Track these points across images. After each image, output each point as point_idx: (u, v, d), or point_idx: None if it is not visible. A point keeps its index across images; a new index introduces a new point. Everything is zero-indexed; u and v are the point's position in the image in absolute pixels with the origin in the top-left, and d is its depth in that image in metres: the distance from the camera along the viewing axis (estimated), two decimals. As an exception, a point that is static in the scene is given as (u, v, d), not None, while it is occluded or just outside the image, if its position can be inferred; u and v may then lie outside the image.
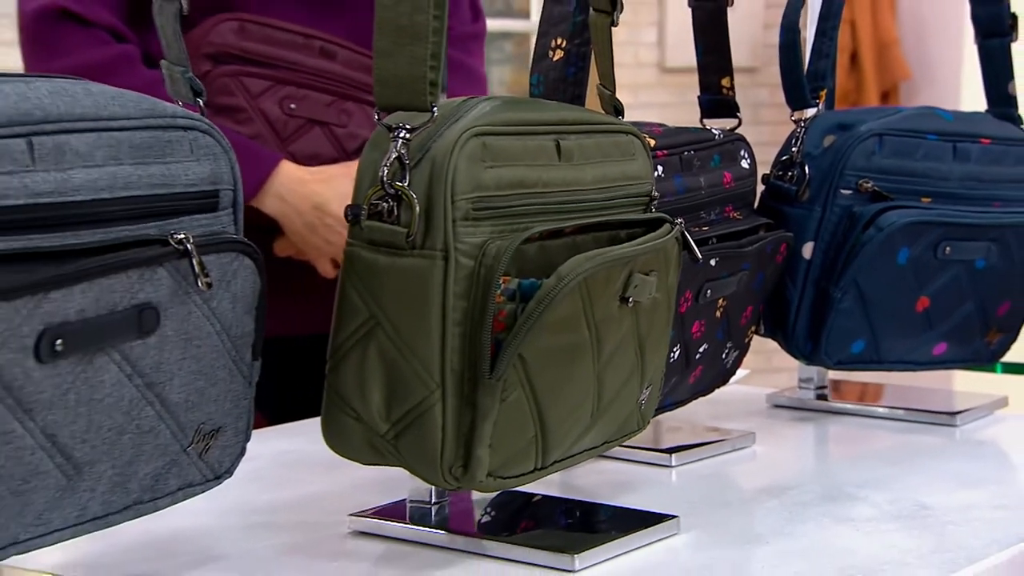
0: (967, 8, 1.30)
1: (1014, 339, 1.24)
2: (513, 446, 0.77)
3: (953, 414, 1.17)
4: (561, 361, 0.77)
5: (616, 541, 0.81)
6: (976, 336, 1.19)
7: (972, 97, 1.17)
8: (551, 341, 0.75)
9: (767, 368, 2.16)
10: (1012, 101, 1.24)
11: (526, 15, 4.59)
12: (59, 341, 0.63)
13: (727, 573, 0.78)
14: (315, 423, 1.08)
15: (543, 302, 0.74)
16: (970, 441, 1.12)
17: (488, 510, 0.89)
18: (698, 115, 1.11)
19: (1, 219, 0.62)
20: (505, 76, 4.89)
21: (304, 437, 1.06)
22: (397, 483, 0.90)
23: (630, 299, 0.80)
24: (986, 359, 1.23)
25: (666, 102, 3.88)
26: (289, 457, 1.01)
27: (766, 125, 3.55)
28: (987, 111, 1.24)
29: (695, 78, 1.07)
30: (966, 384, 1.60)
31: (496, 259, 0.74)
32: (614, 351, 0.80)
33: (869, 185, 1.10)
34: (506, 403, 0.74)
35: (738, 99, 1.02)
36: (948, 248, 1.12)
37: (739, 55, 1.22)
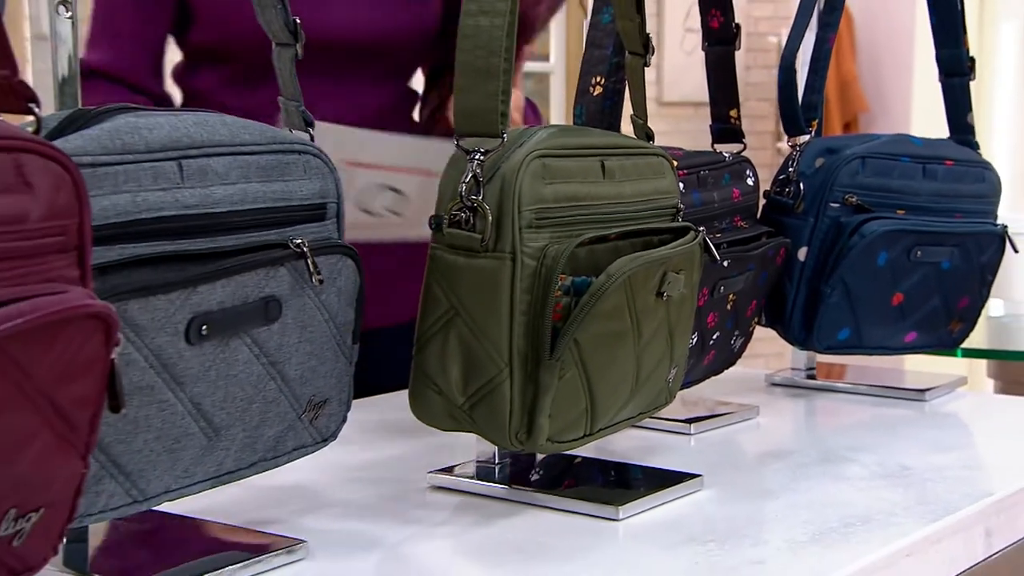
0: (916, 51, 1.31)
1: (972, 328, 1.24)
2: (568, 416, 0.76)
3: (922, 391, 1.17)
4: (608, 345, 0.76)
5: (651, 495, 0.81)
6: (941, 326, 1.19)
7: (920, 126, 1.17)
8: (600, 328, 0.75)
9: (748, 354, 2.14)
10: (970, 130, 1.24)
11: (546, 58, 4.58)
12: (204, 327, 0.64)
13: (746, 522, 0.78)
14: (384, 398, 1.10)
15: (595, 295, 0.74)
16: (937, 414, 1.12)
17: (537, 469, 0.89)
18: (690, 142, 1.10)
19: (157, 227, 0.63)
20: (526, 109, 4.88)
21: (378, 409, 1.07)
22: (464, 447, 0.90)
23: (664, 294, 0.80)
24: (949, 345, 1.23)
25: (663, 131, 3.83)
26: (370, 425, 1.01)
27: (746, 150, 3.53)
28: (949, 138, 1.24)
29: (688, 111, 1.07)
30: (932, 366, 1.60)
31: (555, 260, 0.74)
32: (650, 337, 0.80)
33: (854, 199, 1.10)
34: (563, 380, 0.74)
35: None
36: (919, 252, 1.12)
37: None
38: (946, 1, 1.23)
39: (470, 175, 0.74)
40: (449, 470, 0.86)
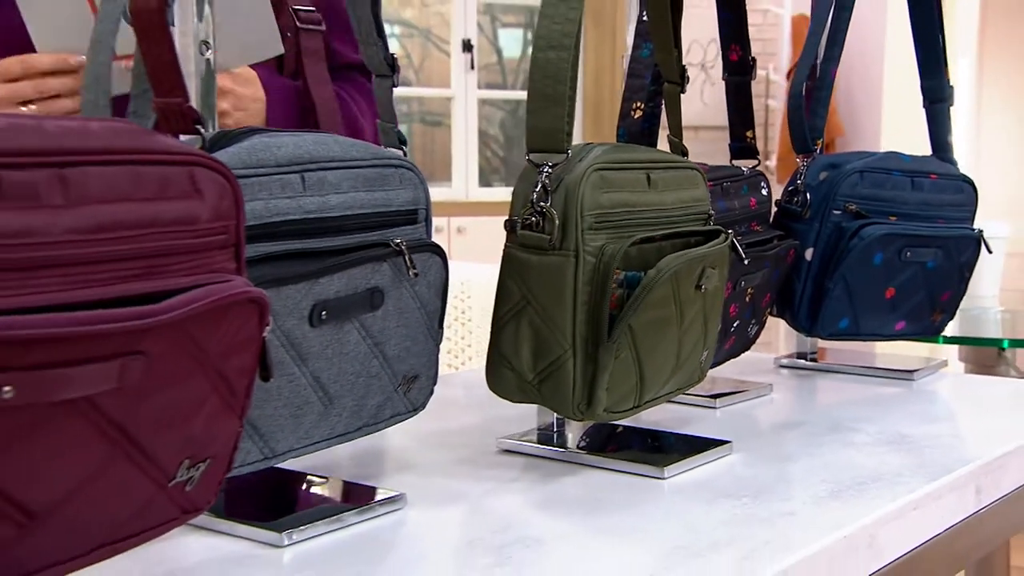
0: (885, 84, 1.30)
1: (951, 318, 1.24)
2: (621, 390, 0.77)
3: (910, 372, 1.18)
4: (656, 330, 0.77)
5: (689, 458, 0.82)
6: (926, 316, 1.20)
7: (888, 148, 1.18)
8: (650, 315, 0.76)
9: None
10: (950, 148, 1.24)
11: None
12: (324, 312, 0.66)
13: (773, 481, 0.79)
14: (450, 376, 1.12)
15: (647, 287, 0.75)
16: (924, 391, 1.13)
17: (585, 437, 0.89)
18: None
19: (284, 229, 0.64)
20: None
21: (448, 386, 1.08)
22: (525, 418, 0.92)
23: (702, 286, 0.80)
24: (932, 333, 1.23)
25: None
26: (443, 400, 1.01)
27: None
28: (933, 155, 1.25)
29: (689, 133, 1.03)
30: (917, 351, 1.61)
31: (611, 257, 0.75)
32: (690, 324, 0.81)
33: (853, 207, 1.11)
34: (618, 359, 0.75)
35: (715, 150, 1.00)
36: (908, 253, 1.13)
37: (719, 118, 1.20)
38: (930, 39, 1.24)
39: (540, 185, 0.75)
40: (515, 436, 0.87)
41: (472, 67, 4.42)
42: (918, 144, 1.27)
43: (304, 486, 0.75)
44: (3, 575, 0.43)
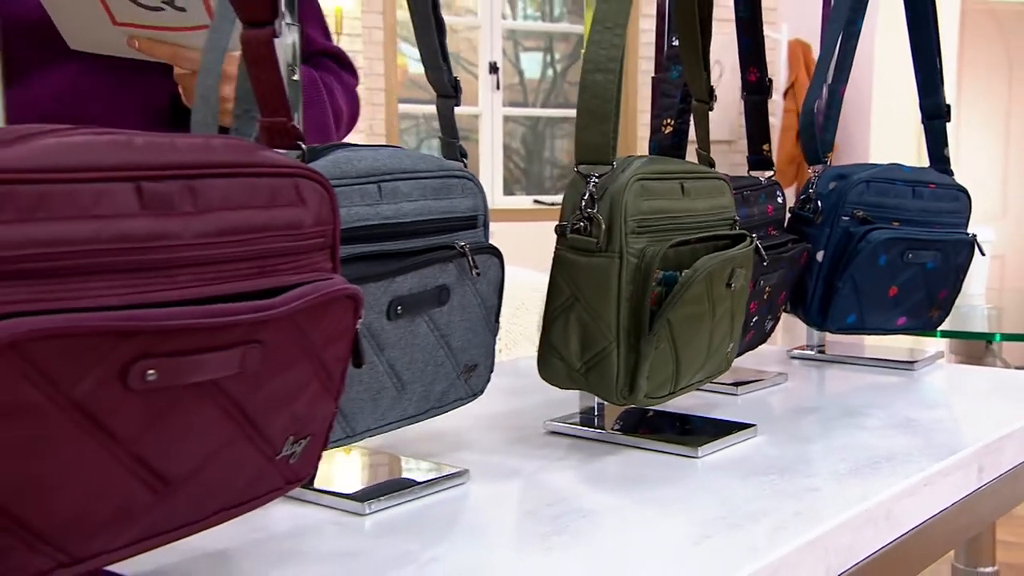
0: (873, 104, 1.30)
1: (947, 315, 1.25)
2: (659, 377, 0.78)
3: (911, 362, 1.19)
4: (691, 324, 0.78)
5: (719, 439, 0.83)
6: (924, 312, 1.21)
7: (876, 161, 1.18)
8: (687, 311, 0.77)
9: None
10: (947, 160, 1.25)
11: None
12: (399, 307, 0.67)
13: (796, 460, 0.79)
14: (497, 366, 1.12)
15: (685, 285, 0.75)
16: (924, 380, 1.14)
17: (618, 421, 0.90)
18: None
19: (365, 233, 0.66)
20: (564, 145, 4.89)
21: (494, 375, 1.09)
22: (567, 403, 0.93)
23: (732, 284, 0.81)
24: (930, 327, 1.24)
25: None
26: (492, 387, 1.03)
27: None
28: (931, 167, 1.25)
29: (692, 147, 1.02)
30: (902, 343, 1.60)
31: (652, 259, 0.75)
32: (720, 319, 0.82)
33: (860, 214, 1.12)
34: (657, 350, 0.76)
35: (718, 162, 0.98)
36: (910, 255, 1.13)
37: (721, 132, 1.21)
38: (929, 61, 1.24)
39: (587, 194, 0.75)
40: (561, 419, 0.88)
41: (497, 87, 4.44)
42: (904, 157, 1.27)
43: (378, 461, 0.76)
44: (141, 534, 0.45)
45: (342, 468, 0.74)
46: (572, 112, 4.67)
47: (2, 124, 0.83)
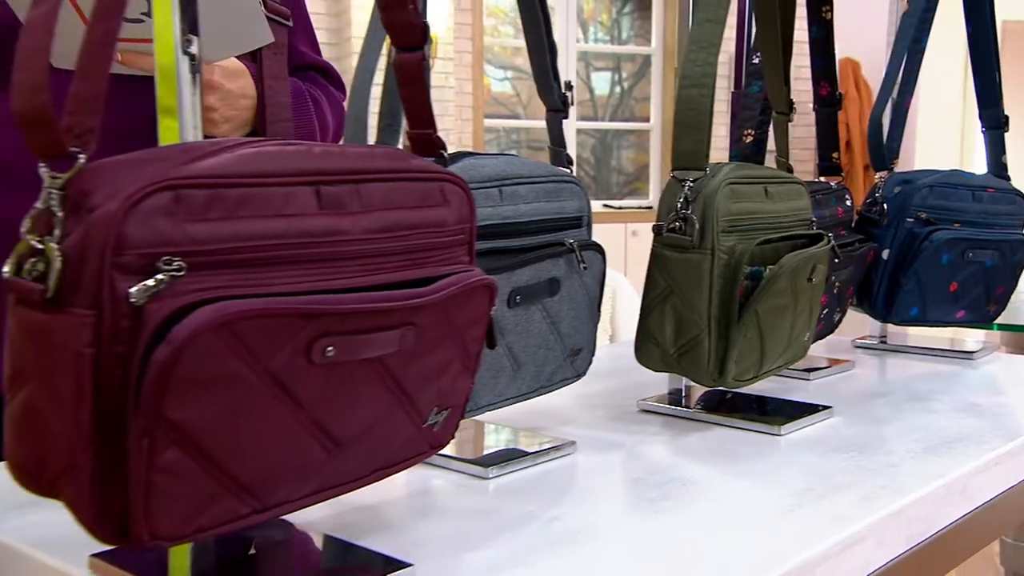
0: (919, 112, 1.25)
1: (1003, 309, 1.21)
2: (746, 362, 0.78)
3: (971, 352, 1.16)
4: (776, 314, 0.78)
5: (799, 419, 0.82)
6: (983, 306, 1.17)
7: (920, 166, 1.15)
8: (772, 303, 0.76)
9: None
10: (1005, 167, 1.21)
11: (646, 119, 4.55)
12: (518, 297, 0.67)
13: (872, 439, 0.78)
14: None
15: (772, 279, 0.75)
16: (983, 369, 1.10)
17: (700, 401, 0.89)
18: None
19: (488, 231, 0.67)
20: (630, 155, 4.87)
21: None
22: (656, 385, 0.93)
23: (813, 279, 0.80)
24: (987, 320, 1.20)
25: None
26: None
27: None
28: (988, 172, 1.22)
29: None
30: (973, 335, 1.56)
31: (741, 256, 0.75)
32: (801, 310, 0.81)
33: (924, 216, 1.10)
34: (745, 338, 0.76)
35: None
36: (970, 254, 1.11)
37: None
38: (988, 75, 1.21)
39: (683, 196, 0.76)
40: (652, 399, 0.88)
41: (572, 103, 4.43)
42: (946, 163, 1.24)
43: (499, 433, 0.77)
44: (315, 487, 0.47)
45: (465, 437, 0.76)
46: (637, 125, 4.66)
47: None
